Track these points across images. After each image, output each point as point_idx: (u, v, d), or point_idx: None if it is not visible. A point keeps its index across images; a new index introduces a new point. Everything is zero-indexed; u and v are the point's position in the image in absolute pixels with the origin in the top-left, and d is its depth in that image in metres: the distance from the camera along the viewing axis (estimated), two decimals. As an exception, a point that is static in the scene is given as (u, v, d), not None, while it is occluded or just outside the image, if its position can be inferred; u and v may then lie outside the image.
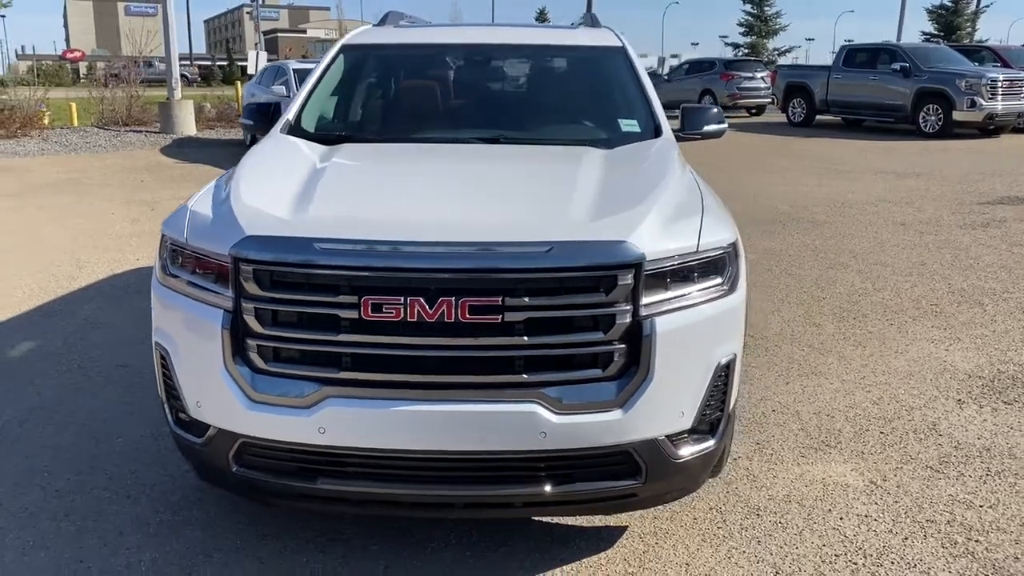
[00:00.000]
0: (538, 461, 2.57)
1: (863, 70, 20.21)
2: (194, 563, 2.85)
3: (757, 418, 4.06)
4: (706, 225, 2.73)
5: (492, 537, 2.99)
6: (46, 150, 15.36)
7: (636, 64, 4.09)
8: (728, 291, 2.75)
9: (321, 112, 4.04)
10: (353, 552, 2.92)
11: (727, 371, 2.75)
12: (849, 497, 3.31)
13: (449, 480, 2.59)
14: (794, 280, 6.71)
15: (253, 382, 2.57)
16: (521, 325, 2.48)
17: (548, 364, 2.53)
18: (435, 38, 4.44)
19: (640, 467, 2.62)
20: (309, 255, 2.50)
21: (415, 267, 2.46)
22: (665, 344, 2.56)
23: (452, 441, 2.52)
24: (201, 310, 2.66)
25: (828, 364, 4.82)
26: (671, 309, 2.60)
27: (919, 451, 3.72)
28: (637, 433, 2.58)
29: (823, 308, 5.94)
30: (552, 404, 2.50)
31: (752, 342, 5.19)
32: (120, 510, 3.17)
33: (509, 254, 2.48)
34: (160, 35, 18.72)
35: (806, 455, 3.67)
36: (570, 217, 2.64)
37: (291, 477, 2.64)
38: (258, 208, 2.71)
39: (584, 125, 3.97)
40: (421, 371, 2.50)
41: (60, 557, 2.87)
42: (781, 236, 8.42)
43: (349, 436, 2.54)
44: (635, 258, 2.51)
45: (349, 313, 2.47)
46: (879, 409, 4.18)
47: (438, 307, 2.44)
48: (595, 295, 2.51)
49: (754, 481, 3.44)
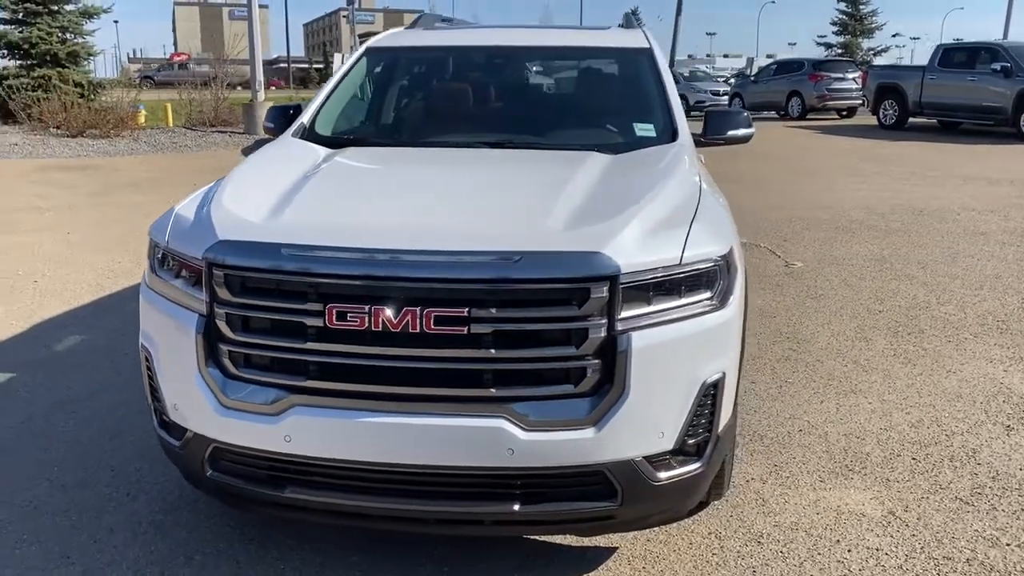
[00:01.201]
0: (506, 478, 2.48)
1: (960, 70, 19.25)
2: (174, 564, 2.86)
3: (781, 438, 3.86)
4: (693, 237, 2.58)
5: (473, 552, 2.91)
6: (135, 150, 16.00)
7: (660, 66, 3.93)
8: (717, 306, 2.60)
9: (337, 115, 4.03)
10: (331, 560, 2.88)
11: (715, 390, 2.59)
12: (862, 528, 3.10)
13: (415, 495, 2.52)
14: (852, 292, 6.40)
15: (225, 387, 2.56)
16: (489, 337, 2.39)
17: (517, 378, 2.44)
18: (457, 41, 4.38)
19: (616, 489, 2.50)
20: (276, 261, 2.47)
21: (380, 275, 2.40)
22: (642, 360, 2.43)
23: (417, 455, 2.45)
24: (179, 313, 2.66)
25: (870, 382, 4.56)
26: (650, 324, 2.46)
27: (951, 480, 3.46)
28: (611, 453, 2.46)
29: (877, 322, 5.64)
30: (520, 420, 2.41)
31: (794, 356, 4.97)
32: (117, 508, 3.22)
33: (476, 264, 2.39)
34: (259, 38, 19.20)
35: (825, 480, 3.46)
36: (545, 226, 2.53)
37: (261, 484, 2.61)
38: (234, 213, 2.71)
39: (595, 129, 3.84)
40: (386, 382, 2.44)
41: (49, 552, 2.93)
42: (847, 245, 8.06)
43: (314, 446, 2.50)
44: (610, 270, 2.39)
45: (314, 321, 2.43)
46: (916, 433, 3.92)
47: (403, 317, 2.37)
48: (566, 308, 2.40)
49: (763, 506, 3.26)
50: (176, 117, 20.63)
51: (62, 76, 18.97)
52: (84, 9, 20.02)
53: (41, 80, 18.70)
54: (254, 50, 18.79)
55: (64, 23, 19.56)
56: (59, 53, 19.27)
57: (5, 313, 5.73)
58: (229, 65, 21.25)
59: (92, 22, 20.24)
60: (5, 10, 19.37)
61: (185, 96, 20.25)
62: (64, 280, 6.59)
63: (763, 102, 27.43)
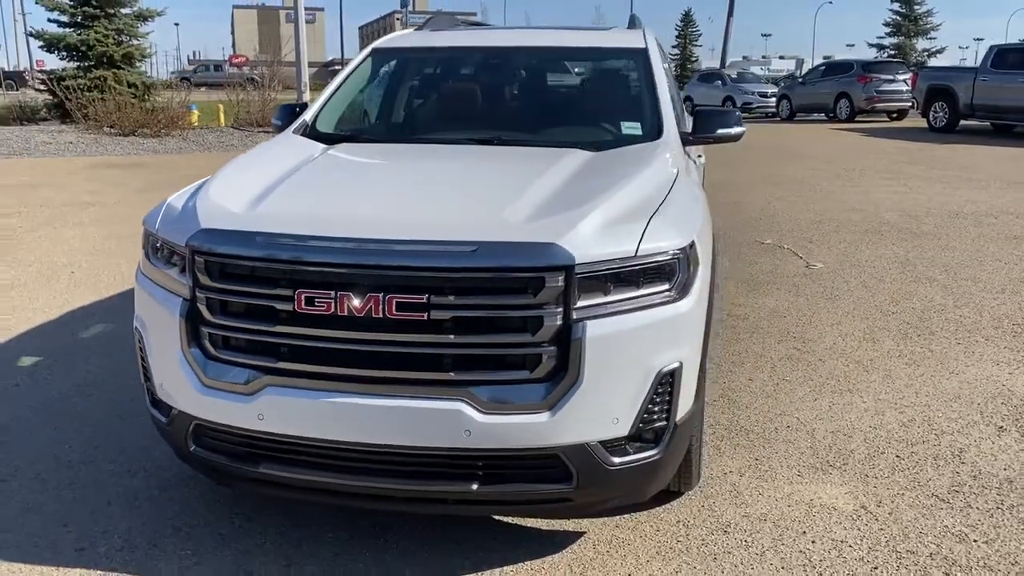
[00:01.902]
0: (464, 459, 2.59)
1: (1014, 72, 18.74)
2: (162, 535, 3.03)
3: (767, 433, 3.90)
4: (652, 230, 2.65)
5: (445, 534, 3.02)
6: (183, 148, 16.49)
7: (654, 66, 4.00)
8: (675, 298, 2.67)
9: (338, 113, 4.18)
10: (310, 537, 3.02)
11: (671, 379, 2.67)
12: (830, 520, 3.14)
13: (380, 473, 2.65)
14: (869, 293, 6.37)
15: (205, 367, 2.72)
16: (448, 323, 2.50)
17: (475, 363, 2.55)
18: (458, 42, 4.50)
19: (571, 472, 2.59)
20: (250, 248, 2.62)
21: (344, 262, 2.53)
22: (596, 348, 2.52)
23: (380, 435, 2.58)
24: (166, 298, 2.83)
25: (869, 381, 4.56)
26: (606, 314, 2.56)
27: (931, 478, 3.47)
28: (566, 437, 2.56)
29: (888, 323, 5.61)
30: (478, 403, 2.52)
31: (797, 355, 4.99)
32: (117, 483, 3.41)
33: (435, 252, 2.51)
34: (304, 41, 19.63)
35: (803, 475, 3.50)
36: (506, 218, 2.64)
37: (238, 460, 2.77)
38: (217, 203, 2.87)
39: (582, 127, 3.93)
40: (352, 365, 2.57)
41: (49, 521, 3.12)
42: (873, 247, 8.00)
43: (285, 424, 2.64)
44: (564, 261, 2.49)
45: (285, 305, 2.58)
46: (905, 432, 3.92)
47: (366, 302, 2.50)
48: (522, 296, 2.50)
49: (736, 497, 3.32)
50: (226, 118, 21.17)
51: (117, 77, 19.63)
52: (139, 12, 20.70)
53: (97, 81, 19.37)
54: (300, 52, 19.19)
55: (120, 26, 20.23)
56: (114, 55, 19.94)
57: (42, 301, 6.02)
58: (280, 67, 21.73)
59: (146, 25, 20.87)
60: (65, 14, 20.12)
61: (235, 97, 20.76)
62: (99, 271, 6.88)
63: (811, 104, 27.09)
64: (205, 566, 2.85)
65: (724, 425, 3.99)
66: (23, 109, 20.73)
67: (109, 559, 2.89)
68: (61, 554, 2.92)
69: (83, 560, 2.88)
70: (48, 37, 20.18)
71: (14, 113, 20.63)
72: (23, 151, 15.49)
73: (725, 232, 8.76)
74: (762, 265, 7.32)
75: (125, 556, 2.91)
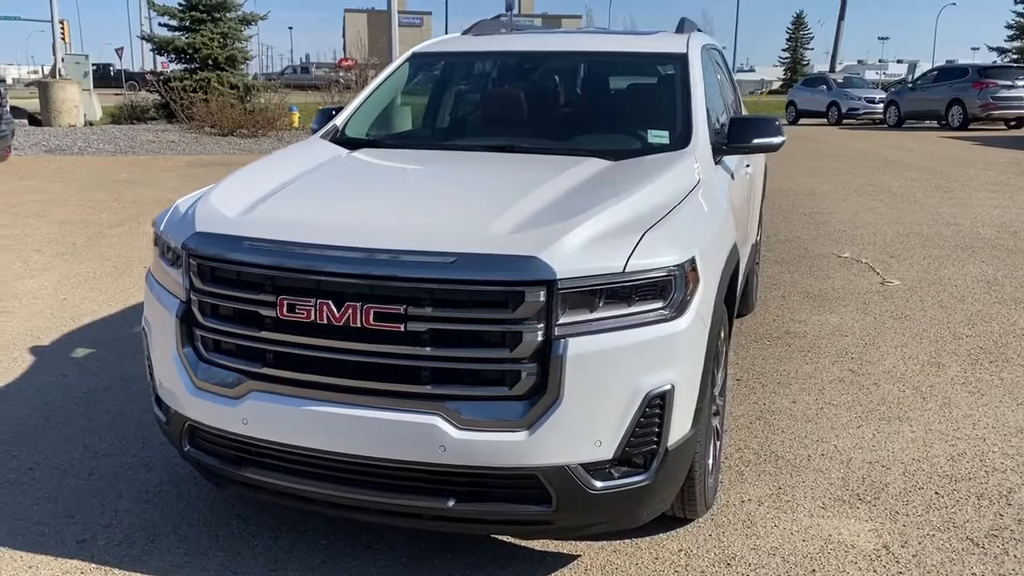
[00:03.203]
0: (440, 475, 2.52)
1: None
2: (162, 532, 3.08)
3: (798, 460, 3.69)
4: (646, 244, 2.53)
5: (434, 548, 2.96)
6: (277, 149, 16.97)
7: (691, 72, 3.83)
8: (670, 316, 2.54)
9: (371, 118, 4.18)
10: (300, 542, 3.01)
11: (661, 402, 2.53)
12: (846, 559, 2.93)
13: (356, 483, 2.60)
14: (944, 314, 5.99)
15: (197, 369, 2.74)
16: (425, 335, 2.45)
17: (452, 377, 2.48)
18: (495, 47, 4.43)
19: (550, 494, 2.50)
20: (237, 252, 2.63)
21: (323, 270, 2.51)
22: (578, 367, 2.42)
23: (355, 445, 2.54)
24: (166, 298, 2.88)
25: (924, 410, 4.27)
26: (590, 331, 2.45)
27: (969, 519, 3.21)
28: (545, 458, 2.46)
29: (959, 348, 5.25)
30: (454, 418, 2.45)
31: (850, 377, 4.72)
32: (133, 475, 3.49)
33: (413, 263, 2.46)
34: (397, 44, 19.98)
35: (827, 507, 3.29)
36: (492, 229, 2.55)
37: (226, 463, 2.78)
38: (214, 207, 2.89)
39: (608, 135, 3.80)
40: (331, 373, 2.54)
41: (60, 511, 3.22)
42: (960, 264, 7.53)
43: (267, 429, 2.63)
44: (545, 275, 2.39)
45: (269, 311, 2.57)
46: (952, 467, 3.64)
47: (344, 311, 2.47)
48: (501, 311, 2.42)
49: (749, 528, 3.14)
50: (323, 119, 21.70)
51: (220, 79, 20.43)
52: (243, 16, 21.48)
53: (201, 82, 20.21)
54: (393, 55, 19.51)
55: (224, 29, 21.06)
56: (218, 57, 20.77)
57: (109, 295, 6.27)
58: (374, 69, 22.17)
59: (249, 28, 21.67)
60: (174, 18, 21.09)
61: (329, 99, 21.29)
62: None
63: (921, 110, 25.83)
64: (195, 565, 2.88)
65: (753, 449, 3.79)
66: (134, 109, 21.84)
67: (107, 553, 2.94)
68: (63, 544, 2.99)
69: (81, 552, 2.95)
70: (158, 40, 21.22)
71: (125, 112, 21.75)
72: (128, 149, 16.28)
73: (802, 244, 8.43)
74: (834, 280, 6.99)
75: (122, 551, 2.96)
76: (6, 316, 5.70)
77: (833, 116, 29.13)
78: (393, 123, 4.40)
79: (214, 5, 20.87)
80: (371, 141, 3.89)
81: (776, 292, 6.58)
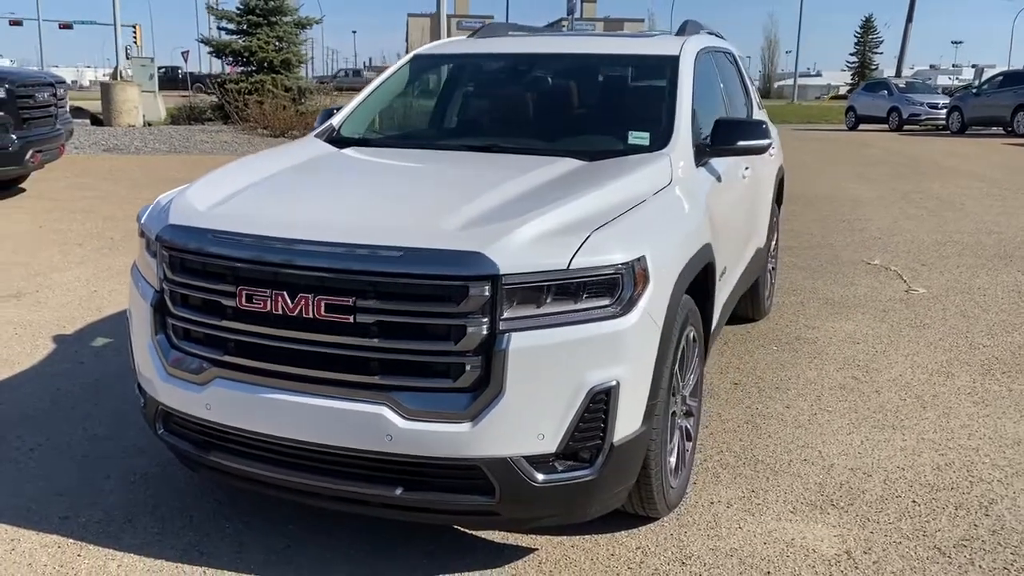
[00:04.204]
0: (387, 463, 2.59)
1: None
2: (140, 512, 3.21)
3: (778, 465, 3.66)
4: (593, 243, 2.56)
5: (395, 538, 3.03)
6: (326, 150, 17.30)
7: (680, 74, 3.83)
8: (616, 314, 2.57)
9: (368, 118, 4.27)
10: (268, 526, 3.11)
11: (606, 398, 2.56)
12: (803, 563, 2.91)
13: (309, 469, 2.69)
14: (965, 323, 5.85)
15: (168, 356, 2.87)
16: (373, 327, 2.52)
17: (399, 368, 2.55)
18: (494, 48, 4.48)
19: (493, 485, 2.55)
20: (203, 244, 2.74)
21: (278, 262, 2.60)
22: (521, 360, 2.47)
23: (308, 432, 2.63)
24: (144, 287, 3.01)
25: (921, 419, 4.19)
26: (534, 326, 2.49)
27: (941, 529, 3.15)
28: (487, 449, 2.51)
29: (973, 358, 5.13)
30: (400, 408, 2.52)
31: (852, 384, 4.66)
32: (123, 459, 3.64)
33: (361, 256, 2.53)
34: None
35: (797, 512, 3.27)
36: (441, 225, 2.61)
37: (194, 446, 2.90)
38: (188, 201, 3.00)
39: (589, 136, 3.82)
40: (286, 362, 2.64)
41: (51, 489, 3.37)
42: (994, 273, 7.34)
43: (227, 415, 2.74)
44: (489, 270, 2.45)
45: (230, 301, 2.67)
46: (936, 476, 3.58)
47: (297, 302, 2.55)
48: (445, 304, 2.49)
49: (712, 529, 3.13)
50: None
51: (275, 81, 20.89)
52: (298, 20, 21.95)
53: (256, 84, 20.69)
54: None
55: (280, 33, 21.53)
56: (274, 60, 21.24)
57: (137, 287, 6.50)
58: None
59: (305, 32, 22.12)
60: (232, 22, 21.66)
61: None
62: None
63: (985, 116, 25.11)
64: (164, 544, 3.00)
65: (735, 452, 3.78)
66: (192, 110, 22.48)
67: (85, 529, 3.08)
68: (46, 520, 3.14)
69: (62, 528, 3.09)
70: (216, 44, 21.82)
71: (184, 114, 22.41)
72: (182, 148, 16.78)
73: (833, 251, 8.30)
74: (858, 288, 6.87)
75: (100, 528, 3.10)
76: (38, 306, 5.96)
77: (894, 121, 28.46)
78: (388, 123, 4.49)
79: (270, 9, 21.37)
80: (361, 140, 3.98)
81: (795, 298, 6.50)
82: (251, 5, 21.43)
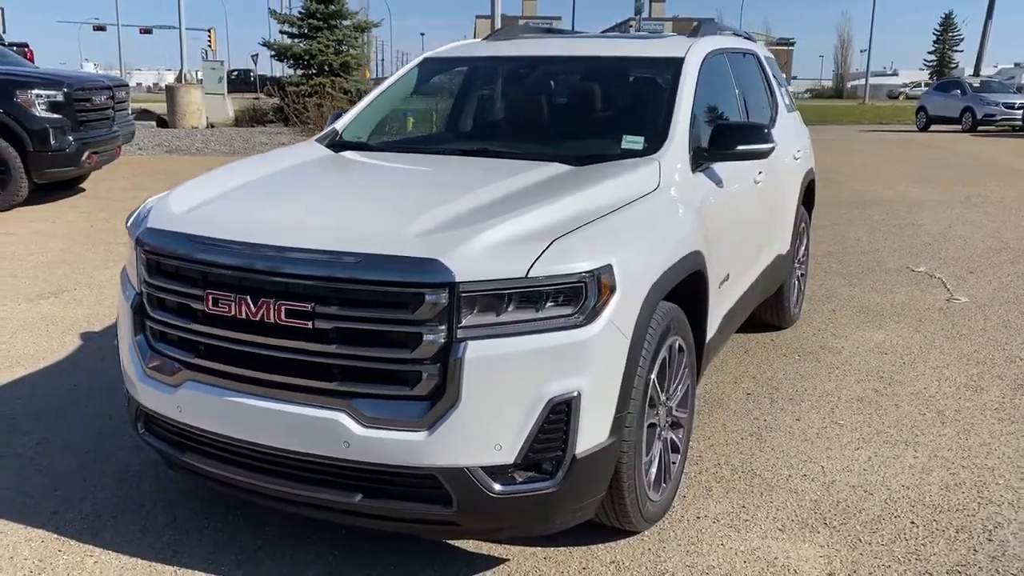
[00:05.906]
0: (345, 470, 2.59)
1: None
2: (128, 509, 3.27)
3: (776, 480, 3.54)
4: (555, 250, 2.50)
5: (365, 544, 3.02)
6: (380, 151, 17.50)
7: (683, 77, 3.73)
8: (579, 323, 2.51)
9: (374, 122, 4.27)
10: (246, 527, 3.13)
11: (567, 409, 2.51)
12: (781, 585, 2.81)
13: (272, 473, 2.70)
14: (1005, 335, 5.59)
15: (146, 357, 2.92)
16: (332, 333, 2.52)
17: (356, 375, 2.54)
18: (502, 51, 4.43)
19: (450, 495, 2.52)
20: (174, 247, 2.78)
21: (241, 266, 2.61)
22: (476, 370, 2.43)
23: (270, 437, 2.64)
24: (128, 289, 3.07)
25: (939, 435, 4.01)
26: (492, 335, 2.46)
27: (936, 552, 3.01)
28: (443, 459, 2.48)
29: (1007, 371, 4.90)
30: (358, 415, 2.51)
31: (871, 397, 4.49)
32: (120, 456, 3.71)
33: (319, 262, 2.53)
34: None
35: (785, 529, 3.15)
36: (402, 232, 2.59)
37: (171, 446, 2.94)
38: (168, 204, 3.05)
39: (583, 140, 3.75)
40: (250, 366, 2.65)
41: (48, 484, 3.47)
42: (1043, 282, 7.00)
43: (196, 417, 2.77)
44: (445, 278, 2.42)
45: (199, 305, 2.70)
46: (943, 497, 3.42)
47: (260, 307, 2.57)
48: (401, 312, 2.47)
49: (692, 545, 3.05)
50: (433, 123, 22.27)
51: (334, 84, 21.23)
52: (357, 24, 22.27)
53: (316, 87, 21.06)
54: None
55: (340, 36, 21.89)
56: (333, 63, 21.59)
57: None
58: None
59: (363, 35, 22.41)
60: (293, 26, 22.09)
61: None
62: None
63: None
64: (143, 542, 3.05)
65: (733, 466, 3.67)
66: (255, 112, 23.00)
67: (70, 525, 3.16)
68: (36, 515, 3.23)
69: (51, 523, 3.17)
70: (277, 47, 22.27)
71: (247, 115, 22.93)
72: (242, 150, 17.16)
73: (878, 257, 8.03)
74: (898, 295, 6.63)
75: (86, 524, 3.17)
76: (75, 303, 6.15)
77: (967, 122, 27.45)
78: (392, 127, 4.49)
79: (330, 13, 21.74)
80: (359, 145, 3.99)
81: (827, 306, 6.30)
82: (312, 9, 21.82)
